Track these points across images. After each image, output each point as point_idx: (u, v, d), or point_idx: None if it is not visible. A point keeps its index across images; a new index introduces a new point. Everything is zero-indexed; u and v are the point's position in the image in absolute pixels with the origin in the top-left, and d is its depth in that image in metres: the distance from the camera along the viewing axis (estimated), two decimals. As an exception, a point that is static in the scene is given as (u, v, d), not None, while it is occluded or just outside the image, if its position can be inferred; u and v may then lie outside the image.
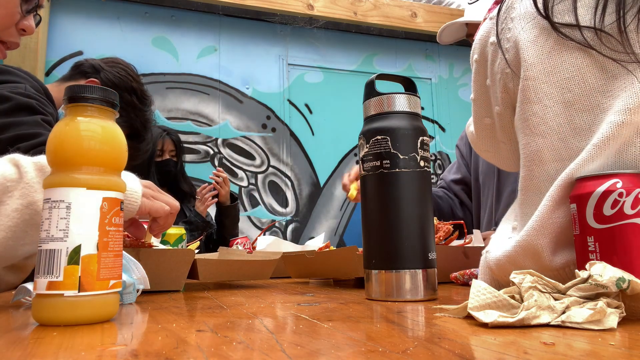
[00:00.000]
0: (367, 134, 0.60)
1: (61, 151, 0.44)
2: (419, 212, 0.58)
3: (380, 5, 3.05)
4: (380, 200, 0.59)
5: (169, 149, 2.15)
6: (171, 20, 2.77)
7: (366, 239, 0.60)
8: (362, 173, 0.61)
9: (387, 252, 0.57)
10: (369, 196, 0.60)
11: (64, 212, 0.43)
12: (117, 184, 0.46)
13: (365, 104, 0.63)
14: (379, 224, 0.58)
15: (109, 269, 0.44)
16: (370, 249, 0.60)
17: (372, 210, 0.60)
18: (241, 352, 0.31)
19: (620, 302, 0.38)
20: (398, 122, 0.59)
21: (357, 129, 0.62)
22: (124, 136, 0.49)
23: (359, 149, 0.62)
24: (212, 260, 0.81)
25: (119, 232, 0.46)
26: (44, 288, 0.42)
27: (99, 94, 0.46)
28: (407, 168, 0.58)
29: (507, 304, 0.39)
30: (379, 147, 0.59)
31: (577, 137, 0.52)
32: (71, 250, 0.42)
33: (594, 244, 0.46)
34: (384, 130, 0.59)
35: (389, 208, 0.58)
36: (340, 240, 2.93)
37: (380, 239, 0.58)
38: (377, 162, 0.59)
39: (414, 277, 0.56)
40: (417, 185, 0.58)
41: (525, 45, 0.56)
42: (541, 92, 0.55)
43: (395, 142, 0.58)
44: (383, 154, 0.58)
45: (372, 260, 0.59)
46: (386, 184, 0.58)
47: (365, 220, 0.61)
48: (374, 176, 0.59)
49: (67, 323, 0.42)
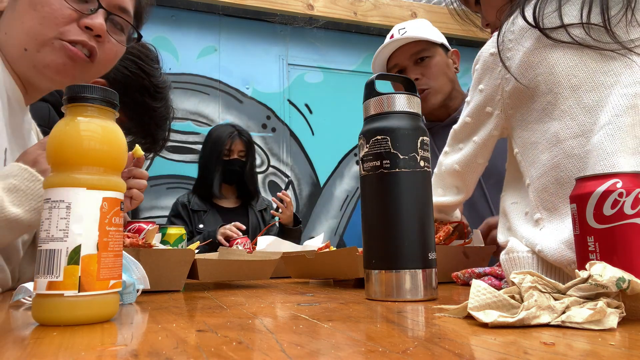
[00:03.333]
0: (367, 134, 0.60)
1: (61, 151, 0.44)
2: (419, 212, 0.58)
3: (380, 5, 3.05)
4: (380, 200, 0.58)
5: (237, 149, 2.14)
6: (171, 20, 2.77)
7: (366, 239, 0.60)
8: (362, 173, 0.61)
9: (387, 252, 0.57)
10: (369, 196, 0.60)
11: (64, 212, 0.43)
12: (117, 184, 0.46)
13: (365, 104, 0.63)
14: (379, 223, 0.58)
15: (109, 269, 0.44)
16: (370, 249, 0.59)
17: (372, 210, 0.59)
18: (241, 352, 0.31)
19: (620, 302, 0.38)
20: (398, 122, 0.59)
21: (357, 129, 0.62)
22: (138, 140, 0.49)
23: (359, 149, 0.62)
24: (212, 260, 0.81)
25: (119, 232, 0.46)
26: (44, 288, 0.42)
27: (99, 94, 0.46)
28: (407, 168, 0.58)
29: (507, 304, 0.39)
30: (379, 147, 0.58)
31: (587, 114, 0.60)
32: (71, 250, 0.42)
33: (594, 244, 0.46)
34: (384, 130, 0.58)
35: (389, 208, 0.58)
36: (340, 240, 2.93)
37: (380, 239, 0.58)
38: (377, 162, 0.58)
39: (413, 277, 0.56)
40: (417, 185, 0.58)
41: (529, 50, 0.65)
42: (550, 83, 0.63)
43: (396, 142, 0.58)
44: (383, 154, 0.58)
45: (372, 260, 0.59)
46: (386, 183, 0.58)
47: (365, 220, 0.61)
48: (374, 176, 0.59)
49: (67, 323, 0.42)
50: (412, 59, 1.43)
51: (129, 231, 1.04)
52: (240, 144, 2.15)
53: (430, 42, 1.43)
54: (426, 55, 1.43)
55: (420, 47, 1.43)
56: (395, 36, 1.43)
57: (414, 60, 1.43)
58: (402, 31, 1.44)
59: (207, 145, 2.19)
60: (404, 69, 1.45)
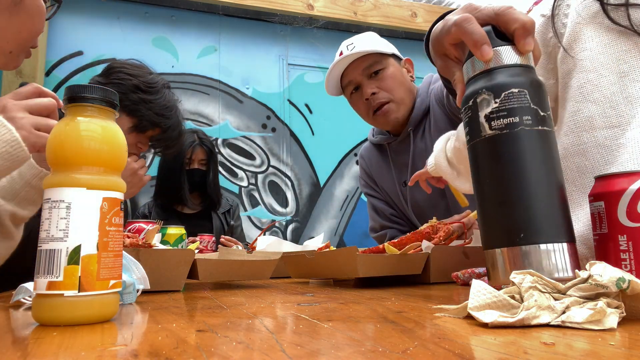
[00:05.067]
0: (496, 87, 0.50)
1: (61, 151, 0.44)
2: (559, 178, 0.49)
3: (380, 5, 3.05)
4: (520, 161, 0.48)
5: (198, 159, 2.11)
6: (171, 20, 2.77)
7: (500, 211, 0.49)
8: (488, 133, 0.49)
9: (531, 223, 0.46)
10: (504, 158, 0.49)
11: (64, 212, 0.43)
12: (117, 184, 0.46)
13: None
14: (520, 188, 0.48)
15: (109, 269, 0.44)
16: (508, 221, 0.48)
17: (506, 174, 0.48)
18: (241, 352, 0.31)
19: (620, 302, 0.38)
20: (532, 75, 0.51)
21: (357, 129, 0.62)
22: (152, 134, 0.49)
23: (480, 107, 0.50)
24: (212, 260, 0.81)
25: (119, 232, 0.46)
26: (44, 288, 0.42)
27: (99, 94, 0.46)
28: (548, 127, 0.49)
29: (507, 304, 0.39)
30: (515, 101, 0.49)
31: (628, 105, 0.56)
32: (71, 250, 0.42)
33: (626, 243, 0.45)
34: (519, 83, 0.49)
35: (533, 171, 0.47)
36: (340, 240, 2.93)
37: (525, 208, 0.47)
38: (514, 118, 0.48)
39: (560, 252, 0.46)
40: (555, 147, 0.50)
41: (585, 21, 0.61)
42: (597, 62, 0.59)
43: (535, 96, 0.49)
44: (524, 108, 0.48)
45: (511, 235, 0.47)
46: (527, 142, 0.48)
47: (497, 189, 0.49)
48: (510, 135, 0.48)
49: (67, 323, 0.42)
50: (365, 73, 1.38)
51: (129, 231, 1.05)
52: (202, 152, 2.12)
53: (381, 54, 1.39)
54: (379, 68, 1.38)
55: (371, 60, 1.38)
56: (345, 52, 1.39)
57: (368, 75, 1.39)
58: (351, 47, 1.39)
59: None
60: (359, 85, 1.41)
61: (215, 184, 2.16)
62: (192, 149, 2.10)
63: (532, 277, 0.40)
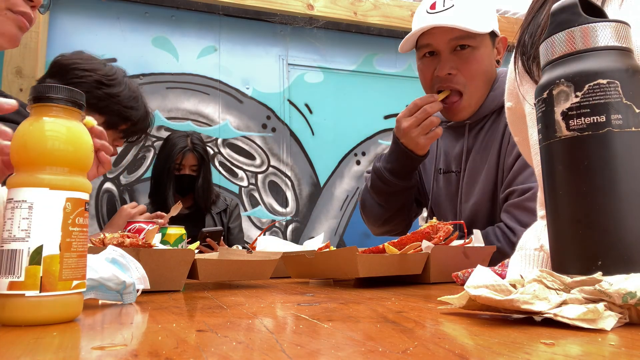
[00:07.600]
0: (578, 77, 0.41)
1: (24, 151, 0.44)
2: None
3: (380, 5, 3.05)
4: (609, 172, 0.39)
5: (189, 164, 2.09)
6: (171, 20, 2.77)
7: (575, 230, 0.41)
8: (566, 134, 0.42)
9: (616, 248, 0.39)
10: (583, 166, 0.40)
11: (26, 212, 0.42)
12: (81, 184, 0.46)
13: (558, 37, 0.43)
14: (603, 206, 0.39)
15: (72, 269, 0.44)
16: (584, 244, 0.40)
17: (590, 186, 0.40)
18: (241, 352, 0.31)
19: (623, 310, 0.36)
20: (627, 61, 0.41)
21: (357, 129, 0.62)
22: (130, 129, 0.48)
23: (556, 101, 0.42)
24: (212, 260, 0.81)
25: (83, 233, 0.45)
26: (5, 288, 0.41)
27: (64, 94, 0.45)
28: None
29: (505, 290, 0.38)
30: (602, 95, 0.40)
31: None
32: (33, 250, 0.42)
33: None
34: (610, 71, 0.40)
35: (622, 184, 0.39)
36: (340, 240, 2.93)
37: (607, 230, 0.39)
38: (599, 116, 0.40)
39: None
40: None
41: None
42: None
43: (628, 89, 0.40)
44: (613, 104, 0.40)
45: (586, 262, 0.40)
46: (618, 147, 0.39)
47: (573, 203, 0.41)
48: (594, 137, 0.40)
49: (28, 323, 0.41)
50: (450, 45, 1.14)
51: (129, 231, 1.04)
52: (193, 158, 2.09)
53: None
54: (469, 44, 1.13)
55: (464, 31, 1.11)
56: (438, 7, 1.12)
57: (452, 47, 1.14)
58: (448, 3, 1.12)
59: (160, 157, 2.14)
60: (436, 52, 1.16)
61: (204, 190, 2.13)
62: (182, 154, 2.08)
63: (540, 273, 0.38)
